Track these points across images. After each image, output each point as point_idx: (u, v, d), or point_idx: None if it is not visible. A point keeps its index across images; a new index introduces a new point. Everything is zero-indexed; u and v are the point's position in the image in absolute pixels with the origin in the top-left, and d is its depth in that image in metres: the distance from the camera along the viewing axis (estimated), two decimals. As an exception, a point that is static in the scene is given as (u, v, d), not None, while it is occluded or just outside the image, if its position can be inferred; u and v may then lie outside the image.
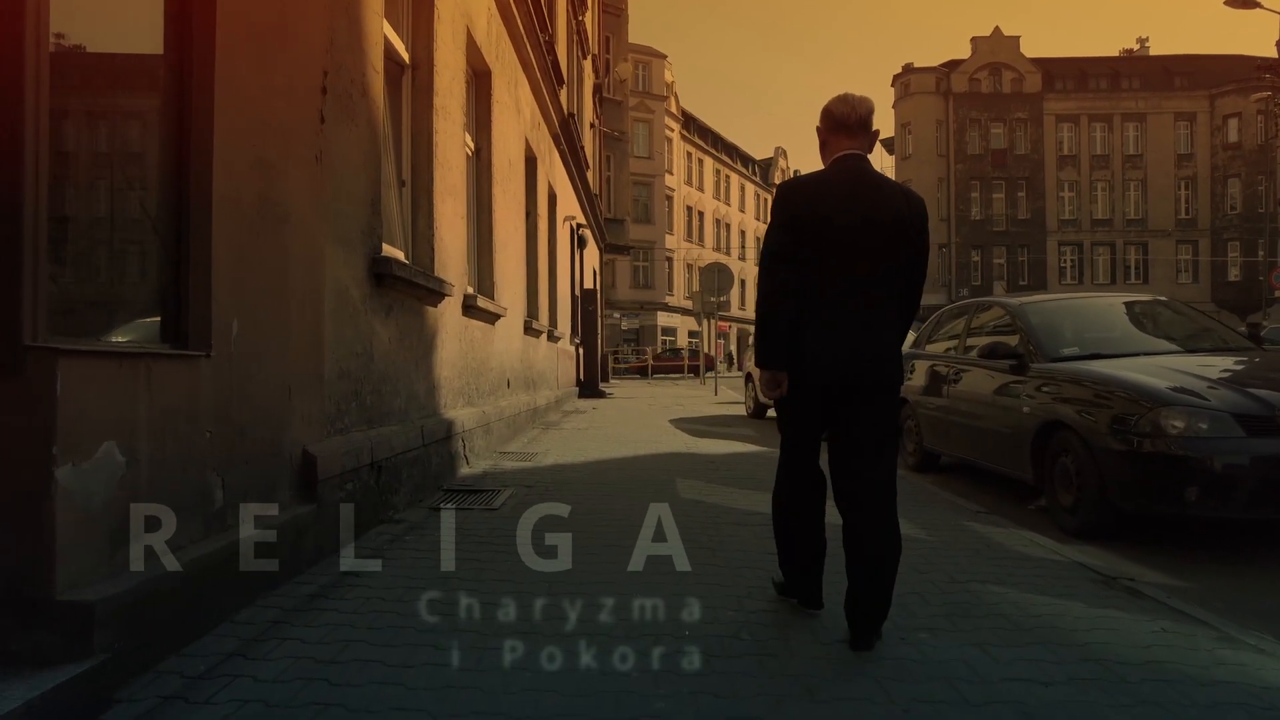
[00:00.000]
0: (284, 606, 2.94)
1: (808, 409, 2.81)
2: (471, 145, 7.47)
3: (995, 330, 5.97)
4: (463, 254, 6.46)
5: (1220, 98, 46.31)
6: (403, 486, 4.61)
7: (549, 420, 10.57)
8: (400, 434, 4.61)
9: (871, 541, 2.69)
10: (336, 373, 3.86)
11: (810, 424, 2.85)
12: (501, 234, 8.09)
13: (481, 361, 7.06)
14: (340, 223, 3.94)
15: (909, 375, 7.33)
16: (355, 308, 4.10)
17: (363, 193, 4.26)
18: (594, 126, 21.19)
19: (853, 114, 2.80)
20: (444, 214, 5.87)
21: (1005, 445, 5.34)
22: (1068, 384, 4.79)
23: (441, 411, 5.67)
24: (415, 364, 5.13)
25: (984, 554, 3.97)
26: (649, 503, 3.86)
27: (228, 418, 2.87)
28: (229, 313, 2.88)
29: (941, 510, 5.04)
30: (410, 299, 5.00)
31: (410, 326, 5.03)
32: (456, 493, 5.25)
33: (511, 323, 8.56)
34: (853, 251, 2.67)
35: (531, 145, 10.19)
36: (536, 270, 10.84)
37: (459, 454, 5.94)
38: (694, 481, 5.76)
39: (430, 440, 5.16)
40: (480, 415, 6.64)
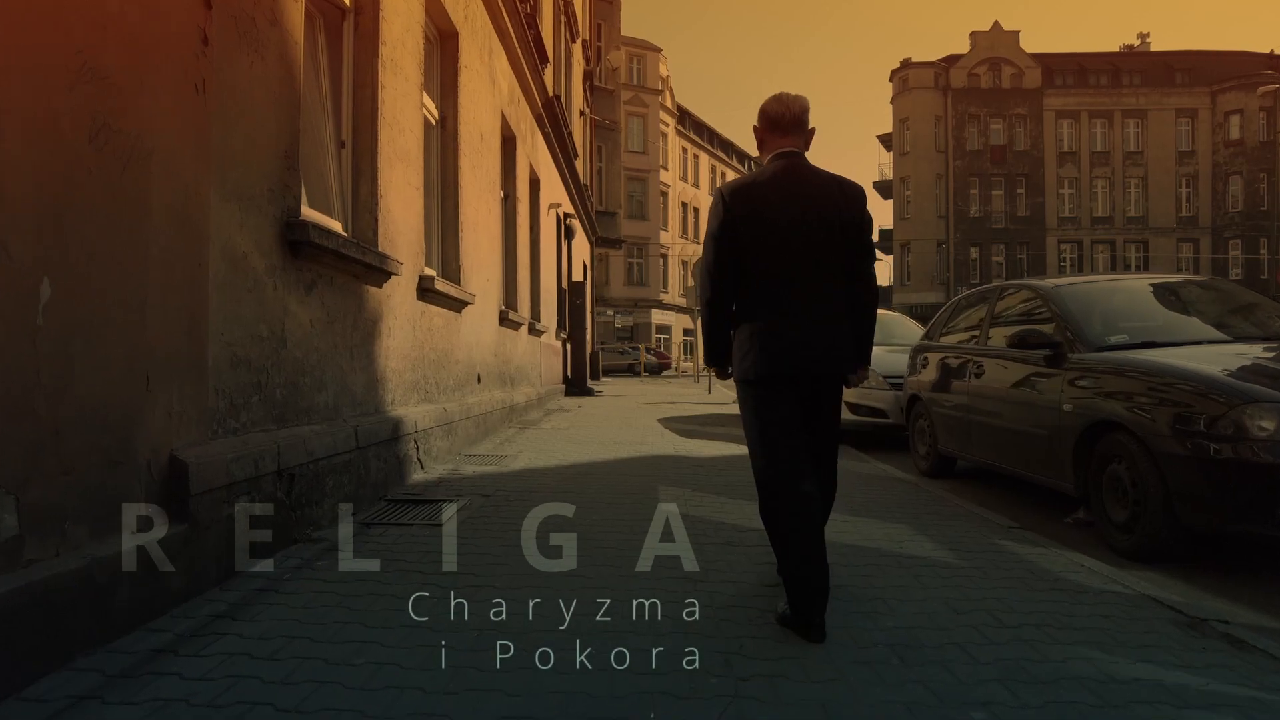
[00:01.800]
0: (107, 671, 2.17)
1: (767, 402, 2.77)
2: (435, 112, 6.70)
3: (1024, 318, 5.22)
4: (418, 230, 5.70)
5: (1222, 94, 45.72)
6: (327, 498, 3.84)
7: (528, 419, 9.81)
8: (324, 435, 3.85)
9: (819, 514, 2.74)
10: (227, 359, 3.10)
11: (781, 418, 2.75)
12: (471, 213, 7.33)
13: (444, 353, 6.30)
14: (236, 174, 3.18)
15: (919, 370, 6.58)
16: (258, 280, 3.34)
17: (271, 141, 3.49)
18: (584, 115, 20.42)
19: (786, 113, 2.86)
20: (392, 182, 5.11)
21: (1039, 449, 4.60)
22: (1119, 377, 4.04)
23: (386, 409, 4.90)
24: (350, 353, 4.37)
25: (1030, 584, 3.22)
26: (629, 515, 3.12)
27: (28, 412, 2.11)
28: (35, 271, 2.12)
29: (967, 525, 4.30)
30: (343, 276, 4.24)
31: (342, 308, 4.26)
32: (401, 504, 4.49)
33: (483, 312, 7.79)
34: (791, 247, 2.72)
35: (510, 122, 9.43)
36: (515, 257, 10.07)
37: (410, 458, 5.18)
38: (680, 490, 5.00)
39: (369, 442, 4.40)
40: (440, 414, 5.87)
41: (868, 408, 7.90)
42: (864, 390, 7.94)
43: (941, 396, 6.05)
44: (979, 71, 47.90)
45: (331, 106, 4.73)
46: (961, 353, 5.85)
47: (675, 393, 17.99)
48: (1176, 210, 46.72)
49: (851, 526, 4.16)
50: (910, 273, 47.73)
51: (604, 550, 3.47)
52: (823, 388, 2.83)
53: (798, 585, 2.57)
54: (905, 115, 48.11)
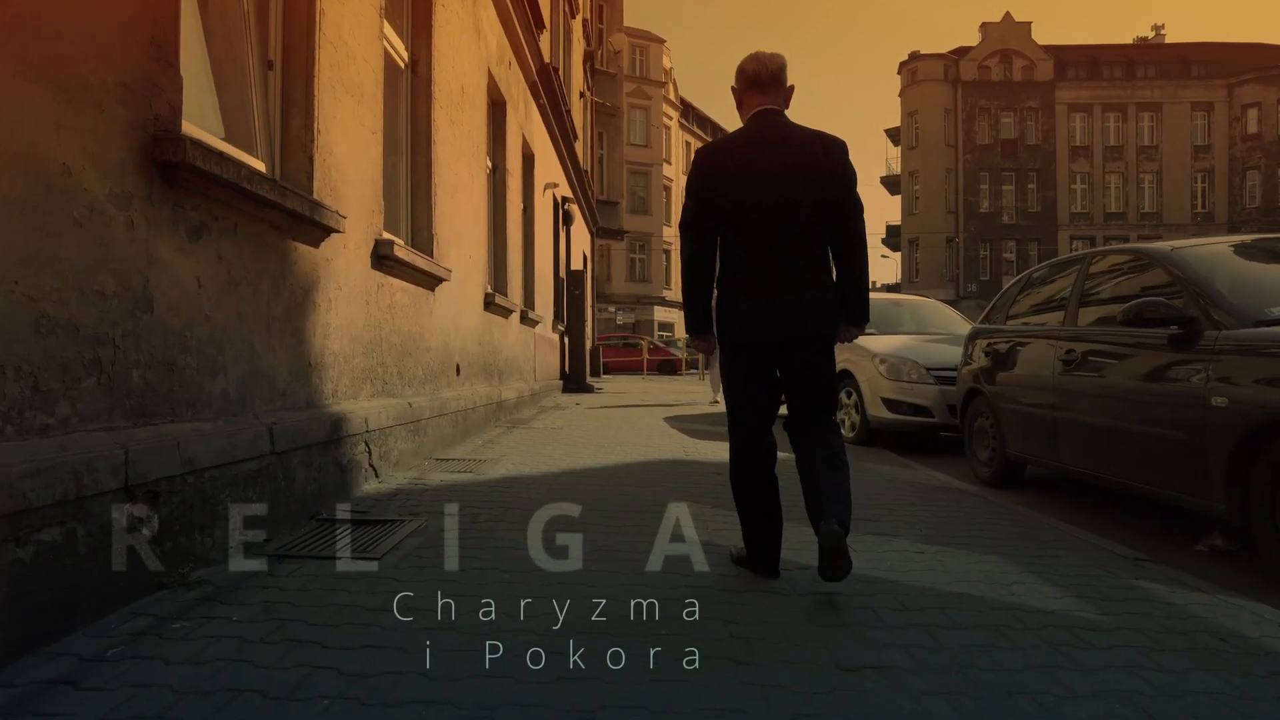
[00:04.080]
0: None
1: (750, 369, 2.77)
2: (404, 53, 5.65)
3: (1135, 291, 4.14)
4: (373, 184, 4.64)
5: (1239, 87, 44.60)
6: (220, 522, 2.79)
7: (519, 417, 8.75)
8: (217, 436, 2.80)
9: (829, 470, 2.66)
10: (29, 321, 2.05)
11: (755, 384, 2.78)
12: (449, 176, 6.27)
13: (410, 337, 5.25)
14: (52, 48, 2.13)
15: (978, 359, 5.53)
16: (95, 209, 2.29)
17: (127, 14, 2.44)
18: (584, 97, 19.37)
19: (764, 70, 2.79)
20: (337, 118, 4.06)
21: (1172, 457, 3.54)
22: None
23: (324, 402, 3.85)
24: (267, 327, 3.32)
25: (1218, 659, 2.17)
26: (630, 537, 2.09)
27: None
28: None
29: (1079, 557, 3.25)
30: (254, 223, 3.19)
31: (255, 267, 3.22)
32: (337, 525, 3.44)
33: (464, 293, 6.74)
34: (771, 206, 2.65)
35: (498, 83, 8.37)
36: (505, 236, 9.01)
37: (358, 464, 4.13)
38: (696, 507, 3.94)
39: (293, 445, 3.35)
40: (402, 409, 4.82)
41: (908, 404, 6.84)
42: (904, 385, 6.88)
43: (1012, 391, 4.99)
44: (990, 64, 46.79)
45: (256, 17, 3.68)
46: (1040, 336, 4.79)
47: (680, 389, 16.92)
48: (1192, 206, 45.58)
49: (933, 560, 3.12)
50: (919, 269, 46.63)
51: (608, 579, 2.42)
52: (808, 351, 2.74)
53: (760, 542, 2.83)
54: (914, 108, 47.00)
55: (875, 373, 7.09)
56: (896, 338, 7.70)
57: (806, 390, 2.77)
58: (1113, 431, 3.97)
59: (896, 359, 7.03)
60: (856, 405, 7.36)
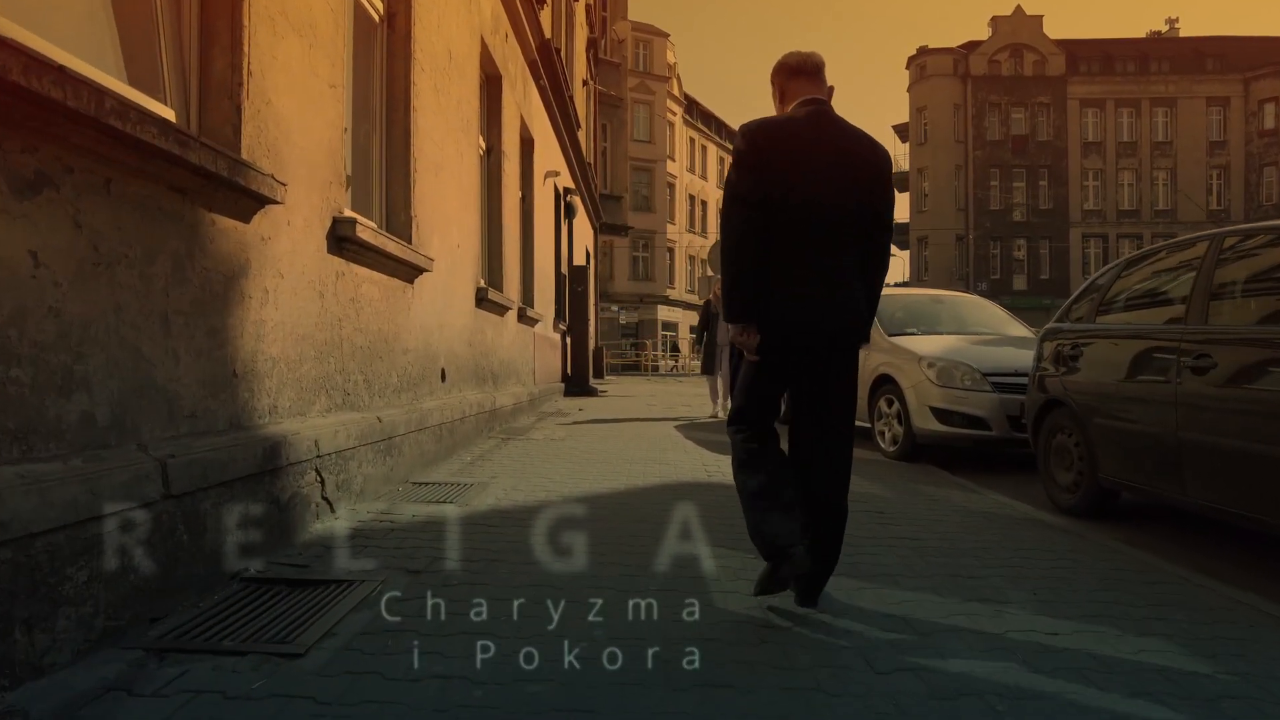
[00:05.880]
0: None
1: (777, 372, 2.59)
2: (377, 1, 4.79)
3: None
4: (332, 150, 3.77)
5: (1256, 81, 43.58)
6: (58, 612, 1.92)
7: (516, 426, 7.88)
8: (59, 482, 1.93)
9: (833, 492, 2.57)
10: None
11: (776, 386, 2.64)
12: (433, 152, 5.40)
13: (381, 337, 4.38)
14: None
15: (1059, 364, 4.65)
16: None
17: None
18: (588, 85, 18.50)
19: (808, 61, 2.68)
20: (277, 59, 3.19)
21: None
22: None
23: (255, 422, 2.98)
24: (165, 324, 2.45)
25: None
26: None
27: None
28: None
29: (1251, 628, 2.37)
30: (140, 181, 2.32)
31: (144, 243, 2.34)
32: (263, 587, 2.57)
33: (450, 286, 5.87)
34: (819, 196, 2.50)
35: (493, 54, 7.50)
36: (501, 226, 8.14)
37: (305, 498, 3.25)
38: (735, 555, 3.06)
39: (197, 485, 2.47)
40: (369, 426, 3.95)
41: (962, 415, 5.94)
42: (957, 393, 5.99)
43: (1109, 403, 4.11)
44: (1000, 58, 45.78)
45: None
46: (1152, 336, 3.91)
47: (687, 391, 16.03)
48: (1207, 203, 44.55)
49: (1071, 641, 2.24)
50: (928, 267, 45.68)
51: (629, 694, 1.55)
52: (839, 357, 2.59)
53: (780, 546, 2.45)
54: (923, 104, 46.03)
55: (922, 378, 6.20)
56: (943, 338, 6.81)
57: (833, 401, 2.60)
58: (1258, 456, 3.07)
59: (947, 362, 6.14)
60: (899, 415, 6.46)
